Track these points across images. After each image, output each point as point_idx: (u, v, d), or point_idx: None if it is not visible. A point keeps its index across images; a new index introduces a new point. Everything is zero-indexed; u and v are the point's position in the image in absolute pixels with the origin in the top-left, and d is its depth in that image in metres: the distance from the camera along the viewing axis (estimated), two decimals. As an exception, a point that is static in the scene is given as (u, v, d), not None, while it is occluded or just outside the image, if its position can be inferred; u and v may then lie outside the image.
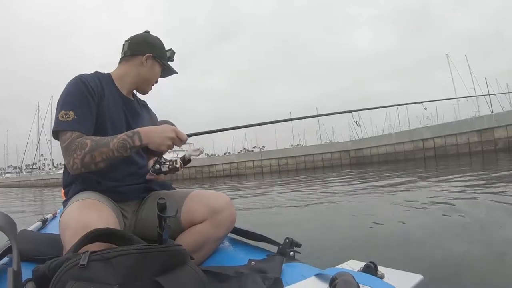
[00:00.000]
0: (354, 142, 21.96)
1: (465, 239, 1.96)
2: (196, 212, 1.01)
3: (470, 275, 1.41)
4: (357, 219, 3.02)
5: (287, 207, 4.23)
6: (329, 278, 0.68)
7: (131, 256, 0.65)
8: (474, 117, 20.96)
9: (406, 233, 2.27)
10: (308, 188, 6.94)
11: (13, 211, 6.16)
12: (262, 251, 1.11)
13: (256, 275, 0.86)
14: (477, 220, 2.45)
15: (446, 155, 15.25)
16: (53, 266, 0.63)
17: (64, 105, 0.96)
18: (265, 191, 7.14)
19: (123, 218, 1.04)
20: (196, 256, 0.92)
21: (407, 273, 0.77)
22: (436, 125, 20.35)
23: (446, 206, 3.07)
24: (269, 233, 1.15)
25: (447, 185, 4.85)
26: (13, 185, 33.80)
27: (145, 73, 1.12)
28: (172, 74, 1.23)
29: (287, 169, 20.00)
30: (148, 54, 1.10)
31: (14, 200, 11.28)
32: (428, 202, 3.44)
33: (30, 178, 34.82)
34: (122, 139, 0.92)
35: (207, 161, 22.43)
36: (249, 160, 21.56)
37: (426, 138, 16.70)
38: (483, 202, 3.14)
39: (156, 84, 1.20)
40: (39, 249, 0.98)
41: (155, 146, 0.95)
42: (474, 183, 4.72)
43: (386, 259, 0.93)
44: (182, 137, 0.99)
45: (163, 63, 1.14)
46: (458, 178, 5.52)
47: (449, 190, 4.12)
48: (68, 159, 0.92)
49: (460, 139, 15.48)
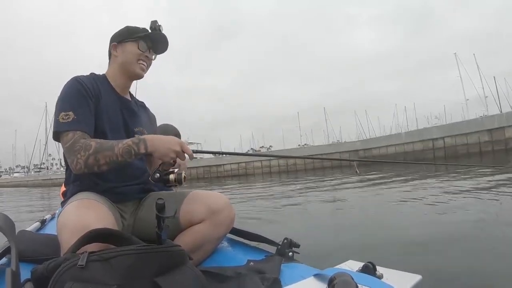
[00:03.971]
0: (363, 142, 21.82)
1: (464, 239, 1.96)
2: (195, 213, 1.01)
3: (469, 275, 1.41)
4: (356, 219, 3.03)
5: (288, 207, 4.23)
6: (327, 278, 0.68)
7: (130, 257, 0.65)
8: (484, 116, 20.70)
9: (405, 233, 2.27)
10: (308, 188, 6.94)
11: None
12: (261, 252, 1.11)
13: (255, 275, 0.86)
14: (476, 220, 2.45)
15: (456, 155, 15.08)
16: (51, 266, 0.63)
17: (63, 106, 0.96)
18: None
19: (122, 219, 1.04)
20: (194, 257, 0.92)
21: (406, 273, 0.77)
22: (446, 124, 20.08)
23: (447, 206, 3.08)
24: (267, 233, 1.15)
25: (451, 185, 4.85)
26: (21, 184, 33.81)
27: (120, 59, 1.10)
28: (162, 43, 1.15)
29: (295, 169, 19.82)
30: (112, 44, 1.12)
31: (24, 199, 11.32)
32: (429, 202, 3.45)
33: (38, 177, 35.08)
34: (127, 145, 0.92)
35: (215, 161, 22.25)
36: (257, 160, 21.33)
37: (436, 138, 16.47)
38: (484, 202, 3.15)
39: (153, 65, 1.15)
40: (37, 250, 0.98)
41: (159, 155, 0.95)
42: (482, 183, 4.69)
43: (384, 259, 0.93)
44: (187, 151, 0.97)
45: (133, 39, 1.10)
46: (464, 179, 5.49)
47: (452, 191, 4.13)
48: (72, 159, 0.92)
49: (471, 138, 15.26)
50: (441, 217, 2.67)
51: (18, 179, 41.59)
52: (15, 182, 38.66)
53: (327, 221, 3.07)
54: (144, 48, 1.10)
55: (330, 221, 3.06)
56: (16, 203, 9.46)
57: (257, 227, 2.63)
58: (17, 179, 41.43)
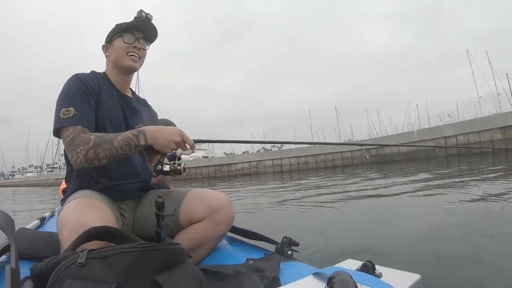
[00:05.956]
0: (375, 140, 21.52)
1: (464, 239, 1.97)
2: (194, 211, 1.01)
3: (469, 275, 1.42)
4: (355, 218, 3.03)
5: (289, 207, 4.23)
6: (326, 277, 0.68)
7: (129, 255, 0.65)
8: (497, 113, 20.26)
9: (404, 232, 2.27)
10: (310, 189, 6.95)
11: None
12: (260, 250, 1.11)
13: (254, 274, 0.86)
14: (477, 220, 2.46)
15: (468, 153, 14.66)
16: (51, 264, 0.63)
17: (64, 102, 0.96)
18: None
19: (121, 217, 1.05)
20: (194, 255, 0.92)
21: (404, 272, 0.77)
22: (458, 122, 19.66)
23: (446, 206, 3.08)
24: (267, 232, 1.15)
25: (456, 185, 4.85)
26: (34, 184, 34.04)
27: (112, 57, 1.11)
28: (148, 29, 1.12)
29: (306, 167, 19.57)
30: (103, 45, 1.14)
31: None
32: (429, 203, 3.45)
33: (50, 177, 35.26)
34: (127, 137, 0.92)
35: (227, 160, 22.23)
36: (269, 159, 21.19)
37: (448, 136, 16.15)
38: (485, 202, 3.15)
39: (147, 58, 1.15)
40: (37, 247, 0.98)
41: (159, 147, 0.94)
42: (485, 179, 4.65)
43: (384, 258, 0.94)
44: (188, 142, 0.97)
45: (119, 34, 1.09)
46: (469, 176, 5.45)
47: (455, 191, 4.12)
48: (72, 153, 0.92)
49: (483, 136, 14.94)
50: (441, 216, 2.67)
51: (31, 178, 42.44)
52: (28, 181, 39.43)
53: (327, 220, 3.08)
54: (130, 39, 1.09)
55: (329, 220, 3.06)
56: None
57: (256, 225, 2.64)
58: (30, 179, 42.33)
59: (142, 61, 1.13)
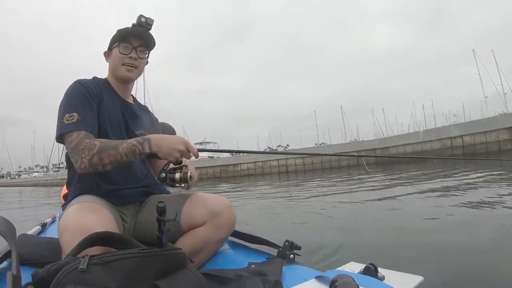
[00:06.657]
0: (381, 140, 21.35)
1: (465, 240, 1.95)
2: (195, 215, 1.01)
3: (472, 277, 1.41)
4: (359, 220, 3.02)
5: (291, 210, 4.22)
6: (329, 280, 0.68)
7: (131, 260, 0.65)
8: (503, 114, 20.18)
9: (406, 234, 2.26)
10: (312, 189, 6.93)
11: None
12: (262, 254, 1.10)
13: (256, 278, 0.85)
14: (477, 220, 2.44)
15: (475, 154, 14.59)
16: (52, 270, 0.63)
17: (67, 108, 0.97)
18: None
19: (122, 222, 1.04)
20: (196, 259, 0.92)
21: (407, 275, 0.77)
22: (465, 122, 19.54)
23: (446, 206, 3.07)
24: (268, 235, 1.15)
25: (456, 184, 4.83)
26: (40, 184, 34.10)
27: (111, 65, 1.13)
28: (144, 38, 1.10)
29: (312, 168, 19.50)
30: (104, 52, 1.15)
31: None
32: (430, 204, 3.44)
33: (56, 177, 35.22)
34: (132, 145, 0.92)
35: (232, 160, 22.09)
36: (274, 159, 21.03)
37: (454, 136, 16.01)
38: (486, 202, 3.14)
39: (147, 67, 1.17)
40: (38, 253, 0.98)
41: (163, 155, 0.94)
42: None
43: (386, 261, 0.93)
44: (192, 150, 0.97)
45: (117, 43, 1.09)
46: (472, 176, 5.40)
47: (456, 191, 4.11)
48: (76, 158, 0.92)
49: (490, 137, 14.82)
50: (443, 218, 2.66)
51: (37, 178, 42.89)
52: (34, 181, 39.86)
53: (329, 222, 3.06)
54: (126, 50, 1.08)
55: (332, 222, 3.05)
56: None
57: (258, 229, 2.63)
58: (36, 179, 42.77)
59: (139, 70, 1.13)
